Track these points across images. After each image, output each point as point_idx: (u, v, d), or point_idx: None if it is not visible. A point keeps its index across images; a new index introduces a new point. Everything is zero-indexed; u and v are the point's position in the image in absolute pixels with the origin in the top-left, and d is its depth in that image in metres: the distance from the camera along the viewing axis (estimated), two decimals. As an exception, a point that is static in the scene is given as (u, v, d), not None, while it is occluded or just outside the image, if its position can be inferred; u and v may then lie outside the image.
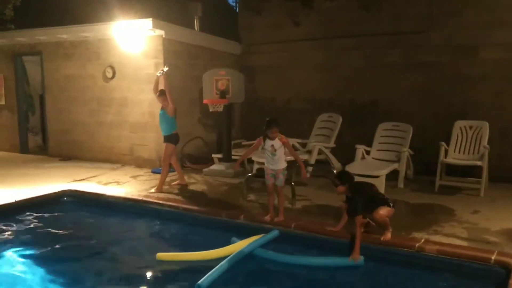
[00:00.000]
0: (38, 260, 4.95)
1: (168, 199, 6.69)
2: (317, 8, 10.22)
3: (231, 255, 4.67)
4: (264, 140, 5.64)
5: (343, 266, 4.69)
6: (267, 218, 5.70)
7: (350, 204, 5.00)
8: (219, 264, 4.44)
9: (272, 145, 5.58)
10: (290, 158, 8.28)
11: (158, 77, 7.38)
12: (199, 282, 4.08)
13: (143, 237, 5.91)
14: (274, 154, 5.62)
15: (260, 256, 4.89)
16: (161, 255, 4.84)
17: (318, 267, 4.75)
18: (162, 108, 7.25)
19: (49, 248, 5.29)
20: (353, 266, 4.64)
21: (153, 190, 7.19)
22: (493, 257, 4.37)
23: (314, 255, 4.96)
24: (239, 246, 4.92)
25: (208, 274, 4.23)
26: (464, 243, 4.88)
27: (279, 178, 5.71)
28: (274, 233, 5.28)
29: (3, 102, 11.43)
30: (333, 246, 5.06)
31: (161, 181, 7.26)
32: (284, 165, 5.72)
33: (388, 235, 4.92)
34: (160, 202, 6.56)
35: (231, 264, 4.55)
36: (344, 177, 5.17)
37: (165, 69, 7.32)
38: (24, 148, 11.40)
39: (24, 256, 5.02)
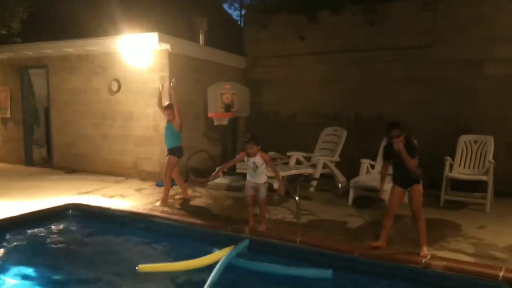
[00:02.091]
0: (42, 273, 4.93)
1: (173, 213, 6.68)
2: (322, 23, 10.30)
3: (219, 264, 4.74)
4: (247, 155, 5.82)
5: (311, 277, 4.77)
6: (247, 228, 5.86)
7: (408, 148, 4.92)
8: (211, 275, 4.49)
9: (254, 162, 5.77)
10: (294, 172, 8.34)
11: (161, 91, 7.45)
12: None
13: (147, 251, 5.88)
14: (256, 170, 5.82)
15: (232, 264, 4.95)
16: (143, 267, 4.88)
17: (286, 276, 4.82)
18: (168, 122, 7.28)
19: (54, 262, 5.29)
20: (321, 278, 4.72)
21: (157, 204, 7.18)
22: (501, 274, 4.33)
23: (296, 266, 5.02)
24: (217, 255, 5.01)
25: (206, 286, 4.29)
26: (471, 259, 4.84)
27: (261, 190, 5.88)
28: (246, 242, 5.44)
29: (8, 115, 11.49)
30: (339, 262, 5.02)
31: (165, 194, 7.25)
32: (265, 179, 5.93)
33: (425, 251, 4.89)
34: (165, 216, 6.55)
35: (221, 273, 4.64)
36: (401, 124, 4.99)
37: (172, 82, 7.36)
38: (29, 161, 11.45)
39: (28, 270, 5.00)
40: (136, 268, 4.87)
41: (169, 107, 7.26)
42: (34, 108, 11.88)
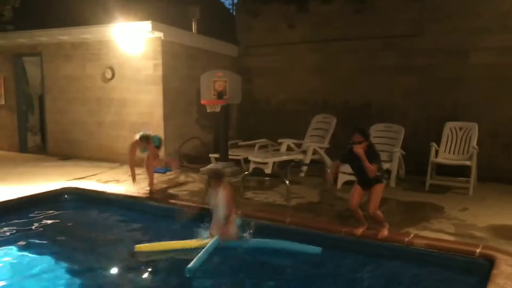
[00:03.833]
0: (39, 255, 5.07)
1: (167, 197, 6.87)
2: (312, 12, 10.47)
3: (211, 241, 5.01)
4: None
5: (301, 252, 5.05)
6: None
7: (369, 154, 4.98)
8: (204, 249, 4.81)
9: (216, 198, 5.20)
10: (285, 158, 8.54)
11: (133, 144, 7.20)
12: (189, 266, 4.44)
13: (142, 233, 6.08)
14: (217, 207, 5.20)
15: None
16: (140, 247, 5.10)
17: (277, 250, 5.13)
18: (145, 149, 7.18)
19: (51, 244, 5.45)
20: (310, 253, 4.99)
21: (148, 188, 7.25)
22: (478, 250, 4.59)
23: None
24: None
25: (195, 258, 4.57)
26: (451, 238, 5.09)
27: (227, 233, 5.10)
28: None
29: (2, 102, 11.57)
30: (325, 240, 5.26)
31: (150, 180, 7.26)
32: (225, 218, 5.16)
33: (385, 232, 5.10)
34: (159, 199, 6.75)
35: (214, 248, 4.93)
36: (367, 133, 5.18)
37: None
38: (23, 148, 11.55)
39: (24, 252, 5.16)
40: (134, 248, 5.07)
41: (144, 139, 7.07)
42: (28, 95, 11.95)
